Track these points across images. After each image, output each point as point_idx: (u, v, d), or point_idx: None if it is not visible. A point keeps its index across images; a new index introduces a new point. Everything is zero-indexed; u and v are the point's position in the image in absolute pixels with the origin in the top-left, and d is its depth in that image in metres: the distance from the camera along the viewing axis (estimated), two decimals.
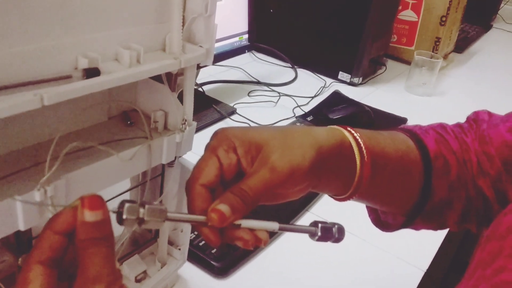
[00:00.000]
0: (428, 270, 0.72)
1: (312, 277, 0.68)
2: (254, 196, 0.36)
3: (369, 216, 0.55)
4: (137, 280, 0.56)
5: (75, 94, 0.34)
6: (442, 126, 0.53)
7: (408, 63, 1.49)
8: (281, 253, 0.71)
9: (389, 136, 0.48)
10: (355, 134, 0.44)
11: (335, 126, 0.45)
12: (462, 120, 0.55)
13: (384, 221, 0.54)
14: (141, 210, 0.31)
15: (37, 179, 0.36)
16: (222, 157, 0.38)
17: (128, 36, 0.41)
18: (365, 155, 0.43)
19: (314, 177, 0.41)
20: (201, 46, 0.45)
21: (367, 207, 0.55)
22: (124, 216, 0.31)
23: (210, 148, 0.39)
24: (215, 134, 0.40)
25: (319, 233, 0.39)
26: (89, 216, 0.29)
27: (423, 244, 0.76)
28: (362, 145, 0.43)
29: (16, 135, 0.41)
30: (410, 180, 0.48)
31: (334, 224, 0.40)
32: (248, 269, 0.67)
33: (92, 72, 0.36)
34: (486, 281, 0.35)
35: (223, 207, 0.34)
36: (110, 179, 0.43)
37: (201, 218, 0.35)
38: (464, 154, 0.50)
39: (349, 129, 0.44)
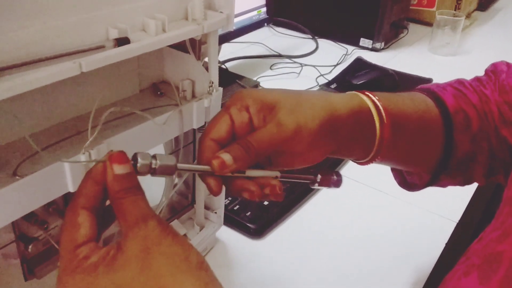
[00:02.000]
0: (460, 220, 0.73)
1: (345, 235, 0.70)
2: (258, 147, 0.37)
3: (395, 179, 0.56)
4: None
5: (109, 61, 0.36)
6: (460, 81, 0.53)
7: (430, 25, 1.46)
8: (313, 213, 0.74)
9: (407, 97, 0.49)
10: (373, 98, 0.44)
11: (353, 92, 0.45)
12: None
13: (411, 182, 0.55)
14: (153, 161, 0.33)
15: (81, 145, 0.39)
16: (235, 115, 0.39)
17: (153, 7, 0.43)
18: (384, 117, 0.43)
19: (332, 141, 0.41)
20: (221, 12, 0.47)
21: (392, 170, 0.55)
22: (139, 163, 0.33)
23: (224, 107, 0.40)
24: (232, 95, 0.42)
25: (319, 179, 0.41)
26: (119, 169, 0.32)
27: (454, 197, 0.76)
28: (380, 107, 0.43)
29: (58, 109, 0.44)
30: (432, 138, 0.48)
31: (332, 171, 0.43)
32: (283, 229, 0.70)
33: (122, 41, 0.39)
34: None
35: (225, 155, 0.36)
36: (147, 143, 0.45)
37: (207, 167, 0.37)
38: (484, 106, 0.50)
39: (367, 93, 0.45)
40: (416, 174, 0.53)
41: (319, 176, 0.42)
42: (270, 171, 0.40)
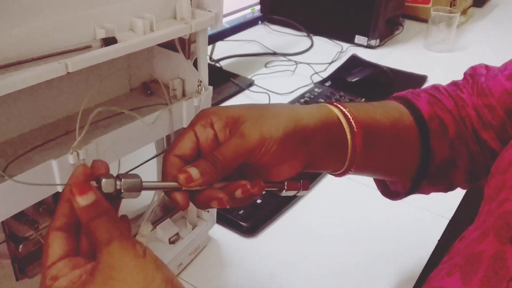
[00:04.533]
0: (453, 217, 0.73)
1: (338, 232, 0.70)
2: (224, 160, 0.37)
3: (378, 188, 0.55)
4: (171, 242, 0.59)
5: (96, 61, 0.36)
6: (434, 87, 0.53)
7: (425, 21, 1.46)
8: (306, 211, 0.74)
9: (380, 106, 0.48)
10: (342, 108, 0.44)
11: (322, 103, 0.45)
12: None
13: (394, 190, 0.54)
14: (118, 182, 0.33)
15: (69, 145, 0.39)
16: (199, 132, 0.39)
17: (141, 6, 0.43)
18: (354, 125, 0.43)
19: (301, 152, 0.41)
20: (210, 11, 0.47)
21: (374, 180, 0.55)
22: (103, 188, 0.33)
23: (189, 125, 0.40)
24: (197, 113, 0.41)
25: (286, 186, 0.41)
26: (82, 201, 0.32)
27: (447, 194, 0.76)
28: (349, 116, 0.43)
29: (46, 109, 0.44)
30: (407, 145, 0.48)
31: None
32: (276, 227, 0.70)
33: (110, 41, 0.39)
34: (491, 214, 0.37)
35: (191, 169, 0.36)
36: (136, 142, 0.46)
37: (174, 184, 0.36)
38: (461, 110, 0.49)
39: (335, 103, 0.44)
40: (399, 182, 0.53)
41: (286, 182, 0.41)
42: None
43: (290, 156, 0.40)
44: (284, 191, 0.42)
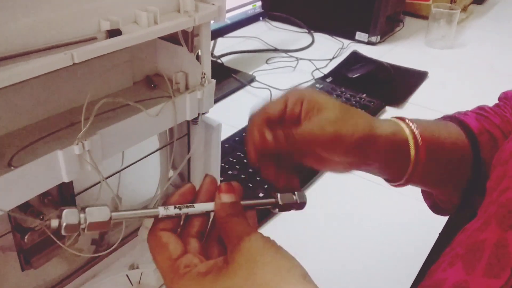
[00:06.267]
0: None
1: (339, 226, 0.71)
2: (297, 139, 0.40)
3: (425, 201, 0.57)
4: None
5: (101, 52, 0.37)
6: (480, 107, 0.55)
7: (426, 18, 1.47)
8: (307, 206, 0.74)
9: (437, 122, 0.51)
10: (411, 124, 0.46)
11: (393, 118, 0.48)
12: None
13: (443, 207, 0.56)
14: (82, 215, 0.31)
15: (74, 137, 0.40)
16: (290, 103, 0.42)
17: None
18: (419, 140, 0.45)
19: (362, 156, 0.43)
20: (213, 4, 0.47)
21: (422, 192, 0.57)
22: (64, 223, 0.30)
23: (284, 94, 0.43)
24: (291, 88, 0.44)
25: (280, 202, 0.40)
26: (225, 198, 0.36)
27: None
28: (415, 131, 0.46)
29: (52, 101, 0.45)
30: (462, 160, 0.50)
31: (293, 191, 0.41)
32: (276, 222, 0.70)
33: (114, 33, 0.39)
34: (493, 204, 0.37)
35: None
36: (140, 134, 0.46)
37: (152, 211, 0.35)
38: (507, 126, 0.51)
39: (406, 120, 0.47)
40: (448, 200, 0.54)
41: (279, 198, 0.40)
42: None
43: (351, 159, 0.43)
44: (277, 210, 0.41)
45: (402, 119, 0.47)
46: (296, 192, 0.41)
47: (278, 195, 0.40)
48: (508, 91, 0.56)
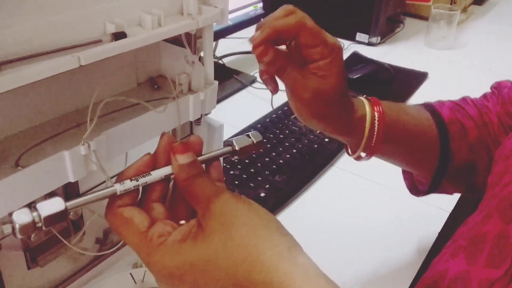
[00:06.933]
0: (453, 211, 0.74)
1: (340, 225, 0.71)
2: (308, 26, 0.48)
3: (404, 180, 0.61)
4: None
5: (107, 54, 0.38)
6: (463, 98, 0.57)
7: (426, 19, 1.47)
8: (309, 204, 0.75)
9: (410, 107, 0.54)
10: (374, 103, 0.50)
11: (361, 97, 0.52)
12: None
13: (420, 188, 0.59)
14: (35, 213, 0.29)
15: (80, 137, 0.41)
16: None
17: (149, 2, 0.44)
18: (376, 117, 0.49)
19: (332, 116, 0.49)
20: (216, 7, 0.48)
21: (403, 172, 0.60)
22: (16, 225, 0.28)
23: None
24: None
25: (237, 147, 0.38)
26: (182, 159, 0.33)
27: None
28: (376, 109, 0.50)
29: (58, 103, 0.45)
30: (427, 143, 0.52)
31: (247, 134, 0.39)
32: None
33: (119, 35, 0.40)
34: (495, 197, 0.38)
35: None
36: (144, 134, 0.47)
37: (109, 190, 0.33)
38: (484, 117, 0.53)
39: (370, 98, 0.51)
40: (425, 182, 0.57)
41: (235, 143, 0.39)
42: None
43: (324, 109, 0.48)
44: (237, 153, 0.39)
45: (368, 98, 0.51)
46: (249, 134, 0.39)
47: (233, 140, 0.38)
48: (502, 81, 0.57)
